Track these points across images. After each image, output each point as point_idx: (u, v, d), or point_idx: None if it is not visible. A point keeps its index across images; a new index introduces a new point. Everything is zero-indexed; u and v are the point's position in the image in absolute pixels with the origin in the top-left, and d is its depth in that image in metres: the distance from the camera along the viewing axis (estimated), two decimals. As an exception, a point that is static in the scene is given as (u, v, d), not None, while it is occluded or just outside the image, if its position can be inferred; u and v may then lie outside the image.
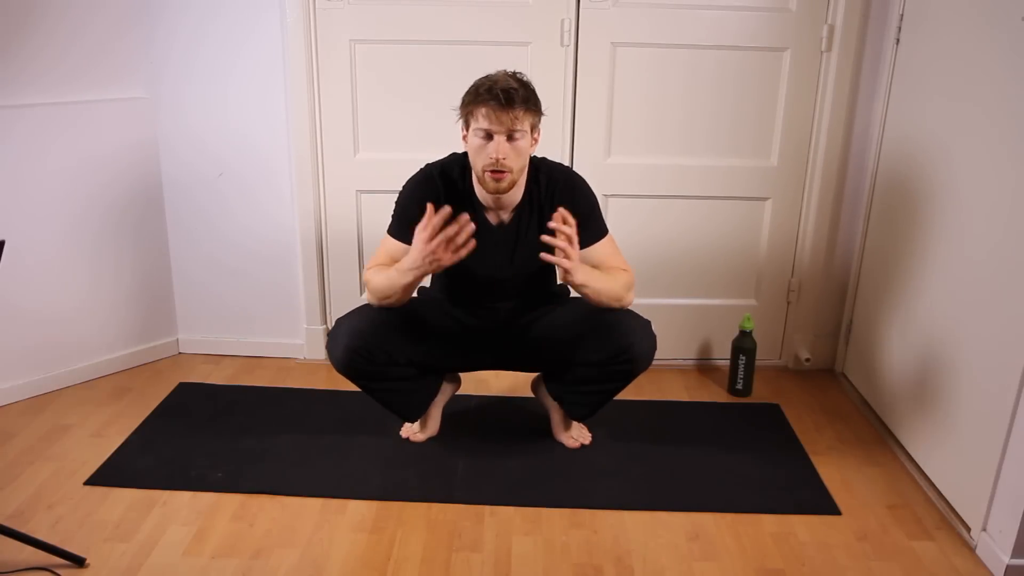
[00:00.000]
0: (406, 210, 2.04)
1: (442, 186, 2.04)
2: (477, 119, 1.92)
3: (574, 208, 2.00)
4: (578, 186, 2.10)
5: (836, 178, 2.66)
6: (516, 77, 1.95)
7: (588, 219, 2.06)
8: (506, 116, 1.88)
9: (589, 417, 2.29)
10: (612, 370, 2.10)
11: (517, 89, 1.90)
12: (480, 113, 1.91)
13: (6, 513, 1.98)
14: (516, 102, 1.88)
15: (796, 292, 2.81)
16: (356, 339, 2.03)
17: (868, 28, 2.51)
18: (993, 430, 1.86)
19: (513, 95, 1.88)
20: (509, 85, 1.90)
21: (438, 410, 2.35)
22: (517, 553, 1.89)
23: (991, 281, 1.91)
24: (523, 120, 1.91)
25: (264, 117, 2.61)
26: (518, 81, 1.93)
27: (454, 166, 2.07)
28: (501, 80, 1.91)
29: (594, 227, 2.08)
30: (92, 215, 2.57)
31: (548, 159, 2.15)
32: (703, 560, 1.88)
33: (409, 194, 2.07)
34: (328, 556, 1.87)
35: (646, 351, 2.07)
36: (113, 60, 2.52)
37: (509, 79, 1.92)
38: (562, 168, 2.15)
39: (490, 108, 1.89)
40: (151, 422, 2.41)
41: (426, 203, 1.94)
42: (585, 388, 2.18)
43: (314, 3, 2.51)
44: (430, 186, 2.04)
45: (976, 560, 1.90)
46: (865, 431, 2.47)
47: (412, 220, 1.98)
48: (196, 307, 2.85)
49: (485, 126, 1.90)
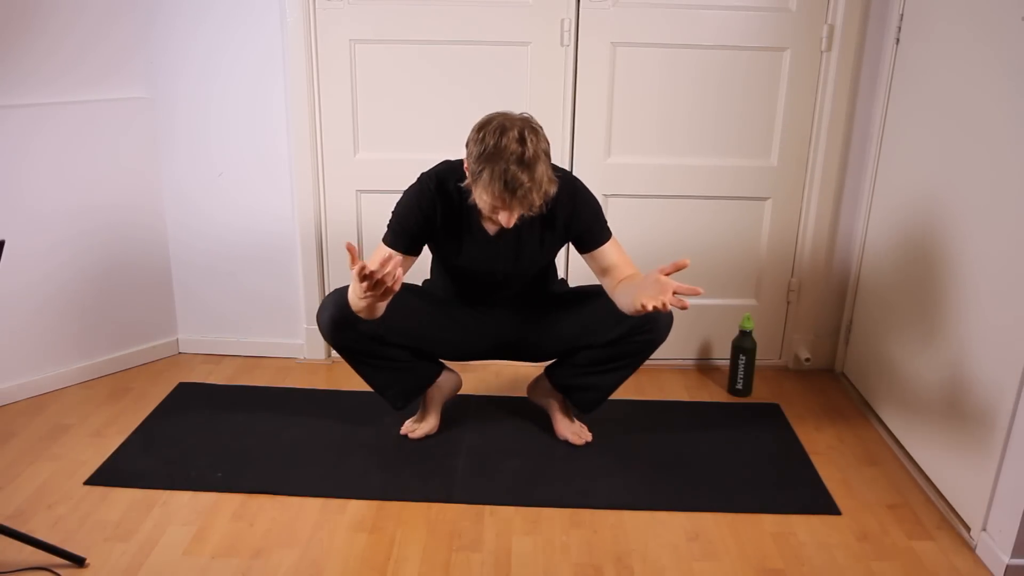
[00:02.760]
0: (402, 221, 2.02)
1: (438, 198, 2.00)
2: (484, 194, 1.82)
3: (579, 216, 2.01)
4: (579, 191, 2.06)
5: (836, 178, 2.66)
6: (527, 155, 1.77)
7: (593, 223, 2.05)
8: (517, 205, 1.81)
9: (596, 408, 2.28)
10: (632, 342, 2.10)
11: (531, 186, 1.78)
12: (489, 191, 1.80)
13: (6, 513, 1.98)
14: (528, 201, 1.80)
15: (796, 292, 2.81)
16: (343, 310, 2.01)
17: (868, 28, 2.51)
18: (993, 430, 1.86)
19: (528, 195, 1.78)
20: (522, 183, 1.77)
21: (437, 407, 2.35)
22: (517, 553, 1.89)
23: (991, 281, 1.91)
24: (532, 204, 1.83)
25: (264, 117, 2.61)
26: (530, 163, 1.78)
27: (450, 177, 2.01)
28: (512, 171, 1.77)
29: (599, 230, 2.06)
30: (92, 215, 2.57)
31: None
32: (703, 560, 1.88)
33: (406, 206, 2.03)
34: (328, 556, 1.87)
35: (666, 323, 2.11)
36: (113, 60, 2.52)
37: (520, 169, 1.77)
38: (561, 173, 2.10)
39: (501, 199, 1.80)
40: (151, 422, 2.41)
41: (422, 215, 1.97)
42: (596, 371, 2.19)
43: (314, 3, 2.51)
44: (426, 198, 2.00)
45: (976, 560, 1.90)
46: (865, 431, 2.47)
47: (408, 232, 2.00)
48: (196, 307, 2.85)
49: (492, 203, 1.83)
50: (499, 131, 1.80)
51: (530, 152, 1.78)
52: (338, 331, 2.09)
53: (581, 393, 2.26)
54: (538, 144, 1.81)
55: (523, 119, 1.85)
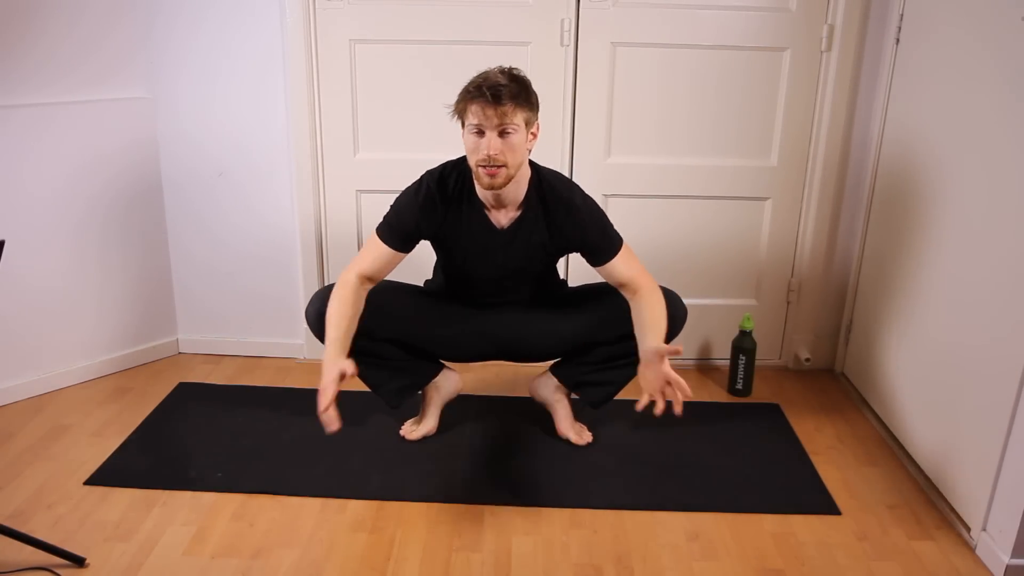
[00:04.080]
0: (399, 217, 2.03)
1: (438, 195, 2.01)
2: (469, 116, 1.90)
3: (584, 233, 2.02)
4: (582, 208, 2.04)
5: (836, 178, 2.66)
6: (509, 73, 1.90)
7: (601, 238, 2.05)
8: (496, 112, 1.85)
9: (606, 402, 2.28)
10: None
11: (507, 85, 1.86)
12: (471, 110, 1.88)
13: (6, 513, 1.97)
14: (505, 98, 1.85)
15: (796, 292, 2.81)
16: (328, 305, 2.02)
17: (868, 28, 2.51)
18: (993, 430, 1.86)
19: (502, 91, 1.85)
20: (498, 81, 1.86)
21: (437, 408, 2.35)
22: (517, 553, 1.89)
23: (991, 281, 1.91)
24: (514, 115, 1.88)
25: (264, 117, 2.61)
26: (510, 76, 1.89)
27: (451, 172, 2.04)
28: (492, 76, 1.88)
29: (607, 245, 2.05)
30: (92, 215, 2.57)
31: (549, 171, 2.09)
32: (703, 560, 1.88)
33: (405, 204, 2.04)
34: (328, 556, 1.87)
35: (683, 313, 2.16)
36: (113, 60, 2.52)
37: (500, 75, 1.88)
38: (564, 185, 2.08)
39: (480, 105, 1.86)
40: (151, 422, 2.41)
41: (420, 213, 2.00)
42: (608, 367, 2.19)
43: (314, 3, 2.51)
44: (426, 197, 2.01)
45: (976, 560, 1.90)
46: (865, 431, 2.47)
47: (403, 229, 2.01)
48: (196, 307, 2.84)
49: (476, 122, 1.88)
50: (479, 73, 1.92)
51: (517, 72, 1.92)
52: (322, 324, 2.07)
53: (593, 388, 2.26)
54: (522, 73, 1.93)
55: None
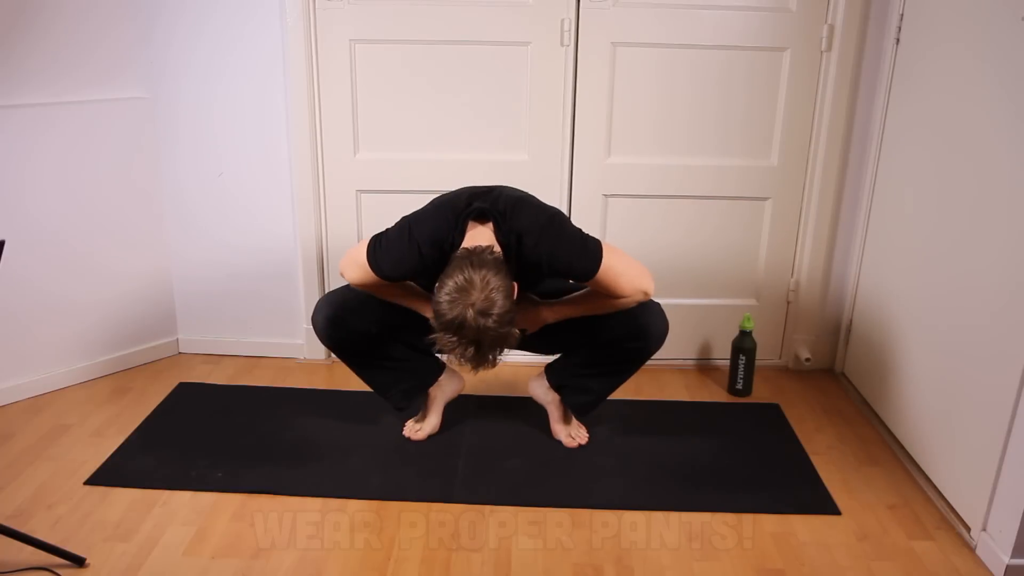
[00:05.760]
0: (397, 267, 1.95)
1: (436, 258, 1.90)
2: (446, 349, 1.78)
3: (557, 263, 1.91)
4: (550, 242, 1.90)
5: (836, 178, 2.66)
6: (485, 333, 1.71)
7: (573, 266, 1.92)
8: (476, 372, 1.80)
9: (590, 411, 2.28)
10: (625, 349, 2.10)
11: (487, 354, 1.75)
12: (448, 355, 1.77)
13: (6, 513, 1.98)
14: (487, 367, 1.77)
15: (796, 292, 2.81)
16: (338, 309, 2.03)
17: (868, 28, 2.50)
18: (993, 430, 1.86)
19: (482, 365, 1.76)
20: (482, 360, 1.75)
21: (439, 407, 2.35)
22: (517, 553, 1.89)
23: (991, 281, 1.91)
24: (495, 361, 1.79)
25: (264, 117, 2.61)
26: (490, 341, 1.73)
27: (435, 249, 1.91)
28: (470, 351, 1.73)
29: (583, 265, 1.91)
30: (92, 215, 2.57)
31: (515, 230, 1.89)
32: (703, 560, 1.88)
33: (395, 260, 1.94)
34: (328, 556, 1.87)
35: (661, 332, 2.10)
36: (113, 60, 2.51)
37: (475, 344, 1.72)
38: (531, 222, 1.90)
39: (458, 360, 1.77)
40: (151, 422, 2.41)
41: (419, 271, 1.93)
42: (589, 374, 2.19)
43: (314, 3, 2.51)
44: (430, 257, 1.91)
45: (976, 560, 1.90)
46: (865, 431, 2.47)
47: (401, 275, 1.96)
48: (196, 307, 2.84)
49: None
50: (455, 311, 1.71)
51: (491, 326, 1.71)
52: (334, 330, 2.09)
53: (574, 395, 2.26)
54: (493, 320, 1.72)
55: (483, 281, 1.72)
